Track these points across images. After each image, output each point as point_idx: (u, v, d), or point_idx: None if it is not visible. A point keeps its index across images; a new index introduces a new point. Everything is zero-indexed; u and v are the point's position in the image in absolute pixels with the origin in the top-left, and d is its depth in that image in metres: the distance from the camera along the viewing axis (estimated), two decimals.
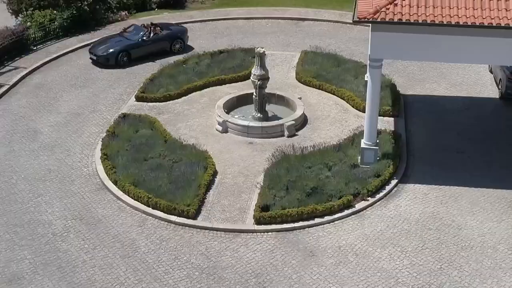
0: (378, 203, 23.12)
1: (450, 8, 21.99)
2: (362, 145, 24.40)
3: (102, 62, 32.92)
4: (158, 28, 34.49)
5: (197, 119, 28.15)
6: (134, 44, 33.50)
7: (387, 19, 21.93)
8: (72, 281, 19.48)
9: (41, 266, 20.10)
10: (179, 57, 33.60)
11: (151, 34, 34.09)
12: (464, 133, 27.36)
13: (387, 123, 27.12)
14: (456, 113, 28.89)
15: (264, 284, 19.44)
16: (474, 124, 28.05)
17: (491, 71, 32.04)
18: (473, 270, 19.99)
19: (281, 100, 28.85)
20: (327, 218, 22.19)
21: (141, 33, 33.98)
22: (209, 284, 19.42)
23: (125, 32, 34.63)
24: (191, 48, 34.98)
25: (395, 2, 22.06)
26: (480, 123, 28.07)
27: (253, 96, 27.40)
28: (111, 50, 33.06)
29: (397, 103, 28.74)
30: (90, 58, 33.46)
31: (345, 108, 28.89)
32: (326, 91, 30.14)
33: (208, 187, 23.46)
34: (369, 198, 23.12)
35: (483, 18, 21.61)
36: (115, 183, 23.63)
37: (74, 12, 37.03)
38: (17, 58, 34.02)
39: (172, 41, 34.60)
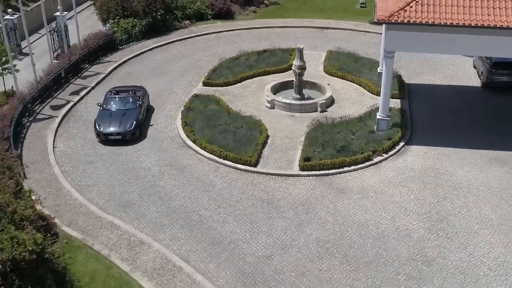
0: (390, 158, 25.40)
1: (445, 13, 24.32)
2: (378, 117, 26.67)
3: (128, 138, 26.49)
4: (133, 90, 29.02)
5: (250, 99, 30.38)
6: (140, 111, 27.68)
7: (399, 21, 24.23)
8: (170, 206, 22.44)
9: (146, 196, 23.05)
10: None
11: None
12: (454, 111, 29.18)
13: (395, 103, 29.03)
14: (448, 97, 30.71)
15: (309, 210, 22.18)
16: (461, 105, 29.90)
17: (474, 67, 33.72)
18: (461, 203, 22.51)
19: (314, 85, 30.89)
20: (353, 167, 24.59)
21: (131, 99, 28.05)
22: (269, 209, 22.20)
23: (106, 105, 27.90)
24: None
25: (405, 9, 24.41)
26: (466, 104, 29.93)
27: (294, 82, 29.65)
28: (134, 123, 26.73)
29: (402, 89, 30.73)
30: (104, 139, 26.58)
31: (362, 92, 30.91)
32: (347, 80, 32.03)
33: (263, 145, 25.94)
34: (383, 154, 25.40)
35: (471, 21, 23.93)
36: (194, 141, 26.29)
37: (150, 20, 38.68)
38: (108, 54, 36.00)
39: (147, 99, 29.57)
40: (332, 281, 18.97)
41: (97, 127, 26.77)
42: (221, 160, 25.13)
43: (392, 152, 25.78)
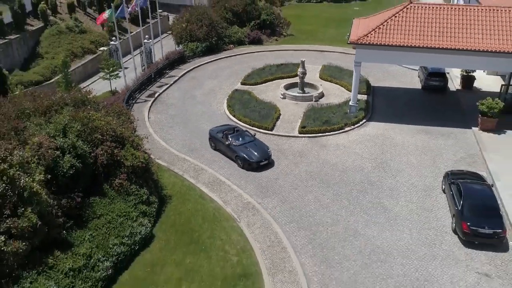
0: (356, 128, 29.28)
1: (393, 38, 28.32)
2: (350, 104, 30.64)
3: (270, 161, 25.16)
4: (236, 127, 27.37)
5: (270, 93, 34.22)
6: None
7: (363, 42, 28.32)
8: (218, 152, 27.50)
9: (204, 146, 27.48)
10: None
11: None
12: (401, 104, 32.64)
13: (363, 97, 32.45)
14: (399, 95, 34.05)
15: (302, 155, 26.55)
16: (407, 100, 33.28)
17: (418, 76, 37.10)
18: (397, 153, 26.58)
19: (312, 86, 34.57)
20: (332, 133, 28.59)
21: (247, 133, 26.48)
22: (278, 154, 26.59)
23: (231, 140, 25.82)
24: None
25: (367, 35, 28.66)
26: (410, 100, 33.31)
27: (298, 83, 33.75)
28: (269, 148, 25.63)
29: (369, 88, 34.19)
30: (256, 167, 24.80)
31: (342, 90, 34.30)
32: (333, 83, 35.48)
33: (277, 119, 30.08)
34: (352, 126, 29.36)
35: (410, 43, 27.85)
36: (234, 116, 30.62)
37: (208, 44, 41.93)
38: (180, 65, 39.68)
39: None
40: (313, 192, 23.77)
41: (248, 159, 24.55)
42: (249, 127, 29.37)
43: (357, 125, 29.65)
